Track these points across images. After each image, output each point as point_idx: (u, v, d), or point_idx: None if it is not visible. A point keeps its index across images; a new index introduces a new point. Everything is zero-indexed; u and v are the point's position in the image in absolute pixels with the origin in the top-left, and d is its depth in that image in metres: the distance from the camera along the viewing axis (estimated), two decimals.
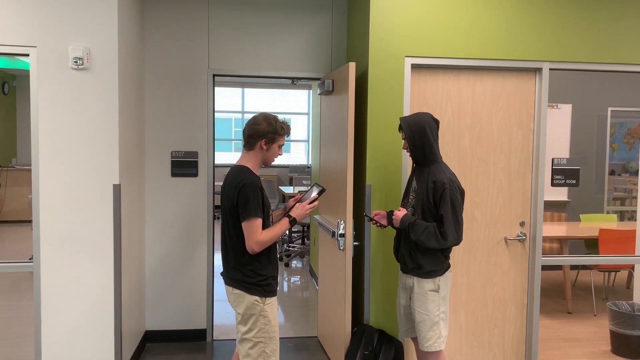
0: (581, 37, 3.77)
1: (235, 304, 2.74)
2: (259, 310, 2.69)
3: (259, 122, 2.73)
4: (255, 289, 2.69)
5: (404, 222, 2.96)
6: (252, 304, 2.69)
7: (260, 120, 2.73)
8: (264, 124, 2.72)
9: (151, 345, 4.32)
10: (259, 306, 2.69)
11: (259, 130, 2.72)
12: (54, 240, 3.37)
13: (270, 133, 2.72)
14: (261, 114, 2.77)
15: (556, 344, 4.48)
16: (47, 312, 3.39)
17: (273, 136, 2.73)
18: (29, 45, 3.31)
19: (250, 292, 2.69)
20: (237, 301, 2.72)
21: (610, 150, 7.25)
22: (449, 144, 3.72)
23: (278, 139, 2.76)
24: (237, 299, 2.72)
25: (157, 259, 4.34)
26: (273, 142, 2.75)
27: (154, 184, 4.31)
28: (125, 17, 3.58)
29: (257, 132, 2.72)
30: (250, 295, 2.69)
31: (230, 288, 2.75)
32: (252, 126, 2.73)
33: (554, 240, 5.60)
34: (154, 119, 4.28)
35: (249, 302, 2.69)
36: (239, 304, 2.72)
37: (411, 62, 3.62)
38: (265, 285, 2.72)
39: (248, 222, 2.61)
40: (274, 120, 2.74)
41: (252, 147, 2.76)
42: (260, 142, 2.73)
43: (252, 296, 2.69)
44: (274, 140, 2.75)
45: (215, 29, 4.32)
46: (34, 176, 3.34)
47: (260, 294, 2.70)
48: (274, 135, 2.74)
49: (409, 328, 3.15)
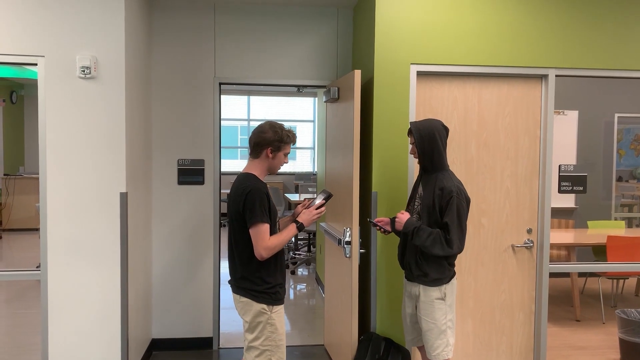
0: (587, 43, 3.76)
1: (243, 312, 2.74)
2: (266, 318, 2.69)
3: (265, 130, 2.74)
4: (262, 296, 2.69)
5: (407, 227, 2.93)
6: (259, 312, 2.68)
7: (267, 128, 2.74)
8: (270, 133, 2.73)
9: (158, 353, 4.31)
10: (266, 314, 2.69)
11: (265, 138, 2.73)
12: (61, 248, 3.38)
13: (276, 141, 2.73)
14: (267, 123, 2.78)
15: (565, 352, 4.44)
16: (54, 320, 3.40)
17: (279, 144, 2.75)
18: (37, 55, 3.34)
19: (258, 300, 2.69)
20: (245, 309, 2.72)
21: (617, 156, 7.21)
22: (456, 151, 3.72)
23: (284, 147, 2.77)
24: (244, 307, 2.72)
25: (164, 267, 4.35)
26: (279, 151, 2.76)
27: (161, 192, 4.32)
28: (132, 27, 3.61)
29: (263, 140, 2.73)
30: (257, 303, 2.69)
31: (238, 296, 2.75)
32: (259, 134, 2.75)
33: (562, 248, 5.56)
34: (161, 127, 4.30)
35: (256, 310, 2.68)
36: (246, 312, 2.72)
37: (417, 70, 3.62)
38: (272, 293, 2.72)
39: (255, 228, 2.62)
40: (280, 129, 2.75)
41: (258, 155, 2.77)
42: (266, 151, 2.74)
43: (259, 304, 2.68)
44: (279, 149, 2.76)
45: (221, 37, 4.34)
46: (41, 184, 3.36)
47: (268, 302, 2.70)
48: (280, 143, 2.75)
49: (415, 337, 3.13)
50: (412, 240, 2.92)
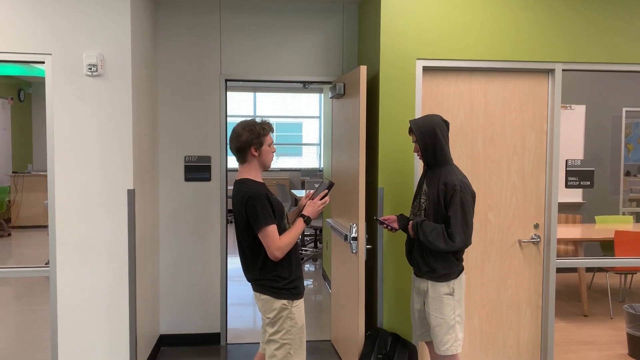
0: (594, 37, 3.74)
1: (264, 309, 2.76)
2: (287, 313, 2.72)
3: (240, 133, 2.72)
4: (282, 293, 2.72)
5: (413, 227, 2.95)
6: (281, 308, 2.71)
7: (240, 131, 2.72)
8: (246, 134, 2.71)
9: (165, 349, 4.34)
10: (287, 309, 2.72)
11: (244, 141, 2.71)
12: (69, 245, 3.41)
13: (255, 139, 2.71)
14: (239, 125, 2.75)
15: (572, 348, 4.44)
16: (63, 316, 3.42)
17: (259, 140, 2.73)
18: (45, 53, 3.36)
19: (278, 297, 2.71)
20: (266, 306, 2.74)
21: (625, 151, 7.17)
22: (462, 146, 3.71)
23: (265, 140, 2.75)
24: (265, 304, 2.75)
25: (171, 263, 4.37)
26: (262, 145, 2.75)
27: (168, 189, 4.34)
28: (138, 24, 3.62)
29: (242, 143, 2.72)
30: (278, 300, 2.71)
31: (258, 294, 2.77)
32: (237, 140, 2.73)
33: (569, 243, 5.54)
34: (167, 124, 4.32)
35: (277, 306, 2.71)
36: (267, 309, 2.74)
37: (422, 65, 3.61)
38: (292, 288, 2.74)
39: (263, 232, 2.63)
40: (253, 125, 2.73)
41: (245, 159, 2.77)
42: (250, 151, 2.73)
43: (280, 300, 2.71)
44: (261, 144, 2.74)
45: (227, 34, 4.35)
46: (49, 182, 3.38)
47: (288, 298, 2.73)
48: (259, 138, 2.73)
49: (423, 332, 3.13)
50: (418, 236, 2.92)
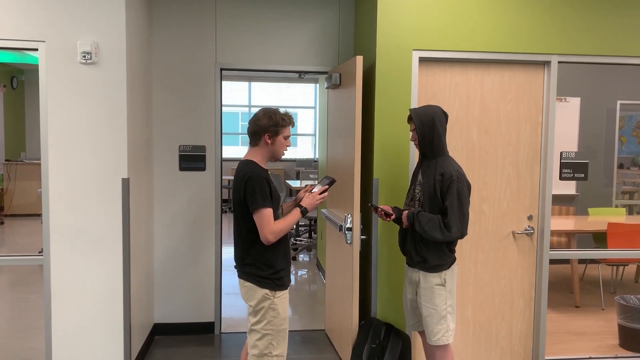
0: (590, 30, 3.73)
1: (247, 296, 2.76)
2: (268, 303, 2.71)
3: (260, 117, 2.77)
4: (265, 282, 2.71)
5: (409, 217, 2.96)
6: (263, 297, 2.71)
7: (261, 115, 2.77)
8: (265, 119, 2.75)
9: (160, 338, 4.35)
10: (269, 299, 2.72)
11: (261, 125, 2.75)
12: (63, 233, 3.39)
13: (272, 126, 2.74)
14: (262, 110, 2.80)
15: (564, 338, 4.48)
16: (57, 304, 3.42)
17: (275, 129, 2.76)
18: (38, 40, 3.32)
19: (261, 285, 2.71)
20: (248, 294, 2.75)
21: (619, 143, 7.20)
22: (457, 137, 3.71)
23: (282, 130, 2.78)
24: (248, 291, 2.75)
25: (166, 252, 4.37)
26: (277, 135, 2.77)
27: (162, 178, 4.32)
28: (133, 12, 3.59)
29: (259, 127, 2.75)
30: (261, 288, 2.71)
31: (242, 281, 2.78)
32: (255, 123, 2.77)
33: (562, 234, 5.58)
34: (162, 113, 4.29)
35: (259, 295, 2.71)
36: (250, 296, 2.74)
37: (419, 56, 3.60)
38: (276, 279, 2.74)
39: (258, 213, 2.63)
40: (274, 114, 2.76)
41: (257, 143, 2.79)
42: (264, 137, 2.76)
43: (262, 289, 2.71)
44: (277, 133, 2.77)
45: (222, 23, 4.32)
46: (43, 170, 3.36)
47: (271, 288, 2.72)
48: (276, 127, 2.76)
49: (415, 322, 3.16)
50: (414, 226, 2.93)
